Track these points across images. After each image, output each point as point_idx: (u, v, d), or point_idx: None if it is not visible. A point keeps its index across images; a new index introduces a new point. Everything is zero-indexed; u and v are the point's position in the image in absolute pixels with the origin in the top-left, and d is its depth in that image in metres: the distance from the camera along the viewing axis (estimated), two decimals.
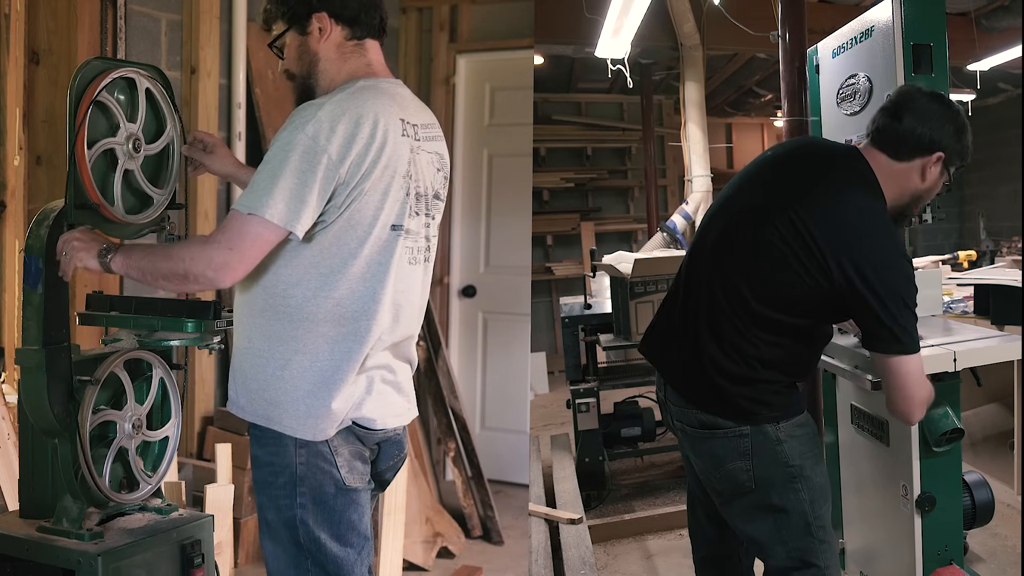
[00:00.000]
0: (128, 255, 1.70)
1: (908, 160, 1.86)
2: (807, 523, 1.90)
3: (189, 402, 3.37)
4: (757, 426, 1.87)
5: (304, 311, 1.68)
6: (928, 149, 1.85)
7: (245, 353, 1.75)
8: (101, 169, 1.82)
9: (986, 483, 2.39)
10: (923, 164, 1.86)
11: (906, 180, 1.88)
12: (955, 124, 1.87)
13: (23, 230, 2.65)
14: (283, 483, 1.69)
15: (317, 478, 1.69)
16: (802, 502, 1.89)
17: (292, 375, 1.69)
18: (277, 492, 1.70)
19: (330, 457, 1.70)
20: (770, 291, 1.82)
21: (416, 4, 4.53)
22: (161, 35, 3.26)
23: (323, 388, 1.68)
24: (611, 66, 5.21)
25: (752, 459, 1.87)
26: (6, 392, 2.51)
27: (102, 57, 2.77)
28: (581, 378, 4.23)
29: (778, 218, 1.81)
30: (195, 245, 1.68)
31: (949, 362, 2.16)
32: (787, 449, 1.87)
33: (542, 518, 3.52)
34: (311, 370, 1.68)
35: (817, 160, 1.92)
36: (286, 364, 1.69)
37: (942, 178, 1.90)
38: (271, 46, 1.82)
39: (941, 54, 2.25)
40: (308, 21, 1.75)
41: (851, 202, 1.81)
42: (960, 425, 2.17)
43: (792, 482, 1.88)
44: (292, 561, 1.71)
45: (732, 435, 1.88)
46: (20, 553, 1.81)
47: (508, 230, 4.52)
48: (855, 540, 2.59)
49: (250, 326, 1.74)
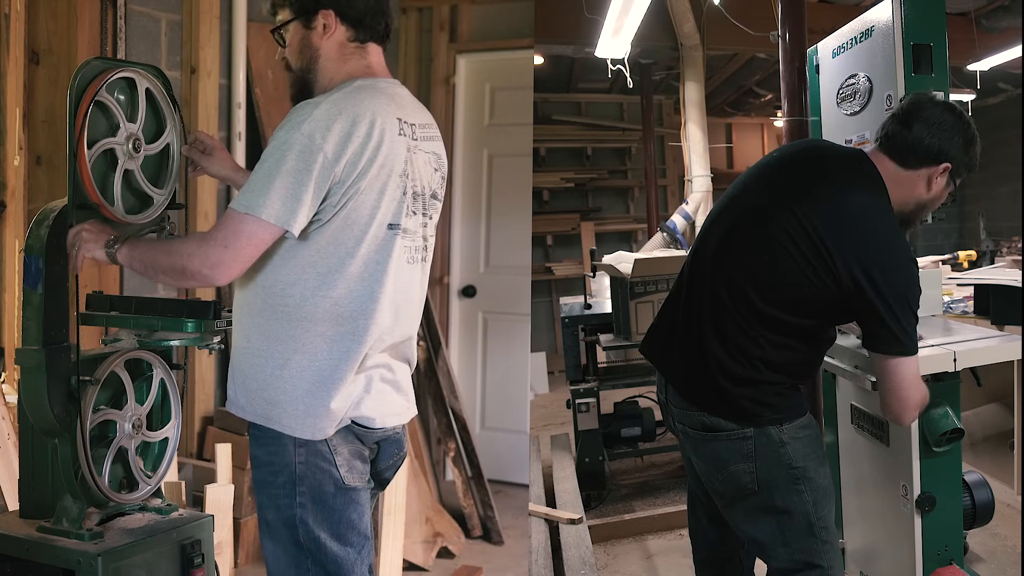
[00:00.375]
0: (133, 247, 1.71)
1: (915, 169, 1.87)
2: (810, 524, 1.90)
3: (189, 402, 3.37)
4: (760, 428, 1.86)
5: (302, 310, 1.68)
6: (936, 159, 1.85)
7: (244, 353, 1.75)
8: (101, 169, 1.82)
9: (986, 483, 2.39)
10: (930, 174, 1.87)
11: (912, 188, 1.88)
12: (965, 136, 1.87)
13: (23, 230, 2.65)
14: (282, 482, 1.69)
15: (316, 477, 1.69)
16: (805, 503, 1.89)
17: (291, 374, 1.69)
18: (276, 491, 1.70)
19: (329, 456, 1.70)
20: (778, 292, 1.82)
21: (416, 4, 4.52)
22: (161, 35, 3.26)
23: (322, 387, 1.67)
24: (611, 66, 5.21)
25: (755, 461, 1.87)
26: (6, 392, 2.51)
27: (102, 57, 2.77)
28: (581, 378, 4.23)
29: (783, 217, 1.81)
30: (193, 242, 1.68)
31: (949, 362, 2.16)
32: (790, 451, 1.87)
33: (542, 518, 3.52)
34: (310, 369, 1.68)
35: (820, 161, 1.92)
36: (285, 363, 1.69)
37: (948, 188, 1.91)
38: (274, 32, 1.81)
39: (941, 54, 2.25)
40: (314, 16, 1.75)
41: (852, 201, 1.81)
42: (960, 425, 2.17)
43: (795, 484, 1.88)
44: (292, 560, 1.71)
45: (735, 437, 1.87)
46: (20, 553, 1.81)
47: (508, 230, 4.51)
48: (855, 540, 2.59)
49: (249, 326, 1.74)
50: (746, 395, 1.86)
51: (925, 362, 2.13)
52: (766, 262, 1.83)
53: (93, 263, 1.78)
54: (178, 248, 1.67)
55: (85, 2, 2.82)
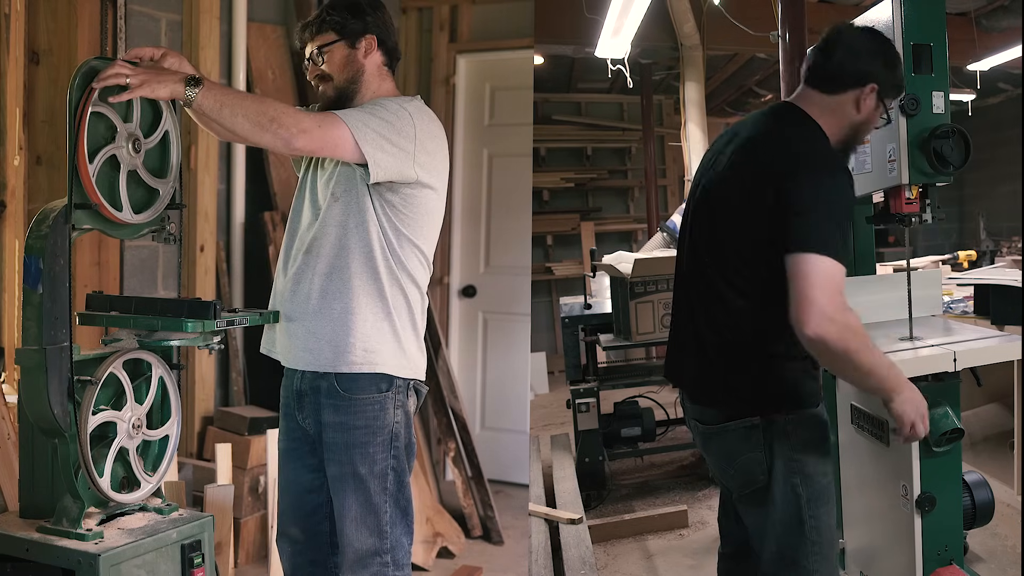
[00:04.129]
0: (211, 88, 1.81)
1: (842, 93, 1.89)
2: (801, 521, 1.85)
3: (189, 402, 3.37)
4: (767, 417, 1.84)
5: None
6: (861, 81, 1.88)
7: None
8: (105, 174, 1.82)
9: (986, 483, 2.39)
10: (856, 96, 1.89)
11: (842, 112, 1.90)
12: (885, 56, 1.91)
13: (23, 230, 2.65)
14: (381, 441, 2.02)
15: (404, 435, 2.06)
16: (799, 497, 1.85)
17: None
18: (375, 449, 2.01)
19: (409, 417, 2.09)
20: (736, 249, 1.83)
21: (416, 4, 4.52)
22: (161, 35, 3.26)
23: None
24: (611, 66, 5.21)
25: (763, 450, 1.84)
26: (6, 392, 2.51)
27: (102, 57, 2.77)
28: (581, 378, 4.23)
29: (720, 186, 1.90)
30: (290, 107, 1.93)
31: (949, 362, 2.16)
32: (792, 441, 1.84)
33: (542, 518, 3.52)
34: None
35: (739, 127, 1.99)
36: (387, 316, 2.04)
37: (878, 110, 1.92)
38: (319, 50, 2.05)
39: (941, 54, 2.25)
40: (360, 38, 2.05)
41: (771, 131, 1.89)
42: (960, 425, 2.17)
43: (792, 476, 1.85)
44: (375, 508, 2.03)
45: (743, 427, 1.85)
46: (20, 553, 1.81)
47: (508, 230, 4.51)
48: (855, 540, 2.59)
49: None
50: (748, 381, 1.85)
51: (925, 362, 2.13)
52: (720, 227, 1.88)
53: (93, 263, 1.78)
54: (274, 103, 1.88)
55: (85, 2, 2.82)
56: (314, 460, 2.09)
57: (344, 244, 1.97)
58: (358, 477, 2.01)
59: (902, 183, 2.23)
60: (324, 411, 2.02)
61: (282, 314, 2.04)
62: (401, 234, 2.00)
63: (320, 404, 2.02)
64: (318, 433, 2.05)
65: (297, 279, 2.02)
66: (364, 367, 1.99)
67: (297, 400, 2.07)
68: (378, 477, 2.02)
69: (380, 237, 1.98)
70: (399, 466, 2.05)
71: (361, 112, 1.94)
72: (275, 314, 2.05)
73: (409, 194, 1.99)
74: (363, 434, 2.00)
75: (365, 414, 2.00)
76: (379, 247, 1.98)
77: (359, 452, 2.00)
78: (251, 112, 1.82)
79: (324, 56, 2.05)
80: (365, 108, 1.97)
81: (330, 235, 1.98)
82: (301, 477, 2.13)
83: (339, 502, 2.04)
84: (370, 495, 2.02)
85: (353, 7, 2.06)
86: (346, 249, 1.97)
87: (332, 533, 2.12)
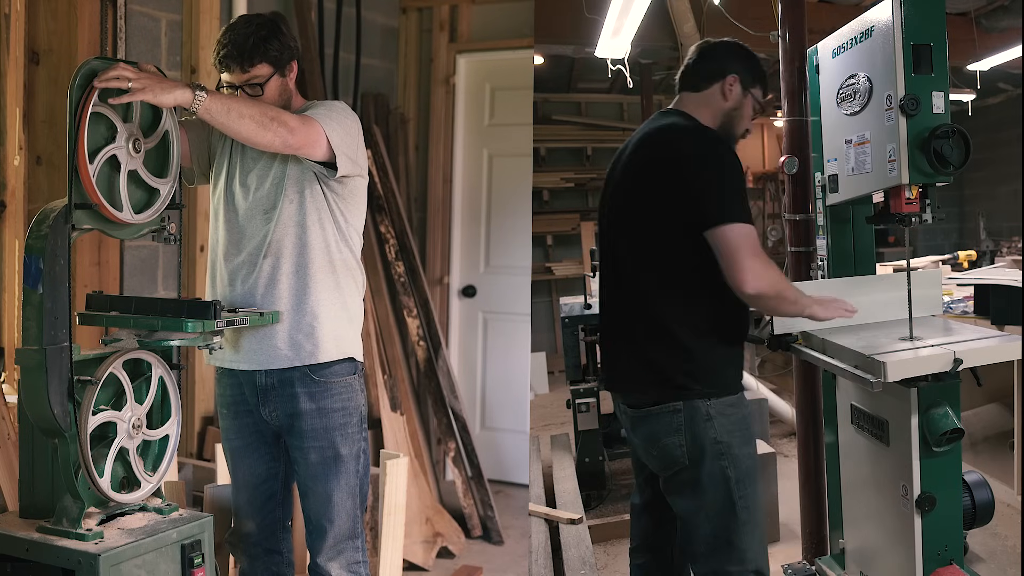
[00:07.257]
0: (216, 94, 1.92)
1: (707, 87, 2.19)
2: (732, 501, 2.01)
3: (189, 402, 3.37)
4: (689, 401, 1.99)
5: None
6: (721, 74, 2.18)
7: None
8: (105, 174, 1.82)
9: (986, 483, 2.39)
10: (721, 87, 2.18)
11: (713, 103, 2.18)
12: (741, 53, 2.22)
13: (23, 230, 2.65)
14: (356, 422, 2.20)
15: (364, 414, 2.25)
16: (728, 479, 2.00)
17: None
18: (353, 430, 2.19)
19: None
20: (647, 243, 2.05)
21: (416, 4, 4.52)
22: (161, 35, 3.26)
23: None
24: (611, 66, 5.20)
25: (685, 435, 1.99)
26: (6, 392, 2.51)
27: (102, 57, 2.77)
28: (581, 378, 4.22)
29: (622, 196, 2.15)
30: (285, 111, 2.06)
31: (949, 362, 2.16)
32: (716, 425, 2.00)
33: (542, 518, 3.52)
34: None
35: (636, 133, 2.24)
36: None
37: (747, 99, 2.21)
38: (251, 84, 2.13)
39: (941, 54, 2.25)
40: (288, 64, 2.18)
41: (663, 128, 2.14)
42: (960, 425, 2.17)
43: (720, 459, 2.00)
44: (352, 488, 2.19)
45: (666, 411, 2.01)
46: (20, 553, 1.81)
47: (508, 230, 4.52)
48: (855, 540, 2.59)
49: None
50: (673, 367, 1.99)
51: (925, 362, 2.13)
52: (631, 222, 2.10)
53: (93, 263, 1.79)
54: (264, 104, 2.04)
55: (85, 2, 2.82)
56: (273, 451, 2.23)
57: (304, 241, 2.13)
58: (340, 458, 2.17)
59: (902, 183, 2.23)
60: (299, 400, 2.15)
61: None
62: (348, 223, 2.20)
63: (293, 395, 2.14)
64: (288, 425, 2.16)
65: (269, 284, 2.12)
66: (335, 354, 2.17)
67: (261, 396, 2.17)
68: (355, 458, 2.20)
69: (334, 230, 2.17)
70: (367, 448, 2.25)
71: (322, 114, 2.10)
72: (275, 314, 2.07)
73: (353, 185, 2.20)
74: (340, 416, 2.17)
75: (340, 396, 2.18)
76: (333, 239, 2.16)
77: (339, 433, 2.17)
78: (255, 114, 1.94)
79: (262, 88, 2.13)
80: (319, 111, 2.12)
81: (290, 234, 2.12)
82: (256, 470, 2.25)
83: (321, 487, 2.16)
84: (350, 476, 2.19)
85: (278, 32, 2.15)
86: (307, 246, 2.13)
87: (284, 519, 2.31)
